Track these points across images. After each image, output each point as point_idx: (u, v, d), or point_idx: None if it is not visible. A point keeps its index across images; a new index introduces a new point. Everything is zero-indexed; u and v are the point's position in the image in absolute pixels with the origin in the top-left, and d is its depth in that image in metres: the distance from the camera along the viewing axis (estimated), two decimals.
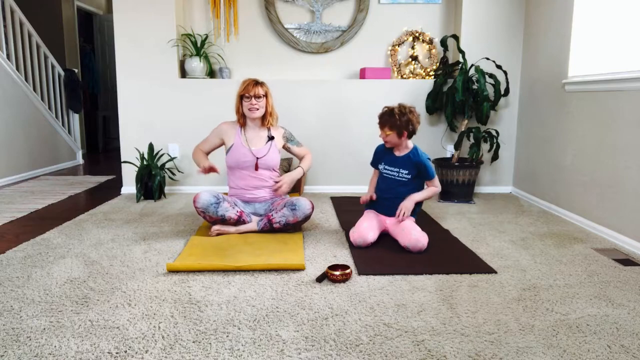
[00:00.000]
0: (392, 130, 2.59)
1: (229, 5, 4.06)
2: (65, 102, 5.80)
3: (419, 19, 4.14)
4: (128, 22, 3.83)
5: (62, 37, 6.30)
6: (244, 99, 2.76)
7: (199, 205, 2.63)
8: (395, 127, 2.58)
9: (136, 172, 3.70)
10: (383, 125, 2.62)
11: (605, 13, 2.94)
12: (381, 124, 2.63)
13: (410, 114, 2.59)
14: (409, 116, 2.58)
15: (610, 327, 1.69)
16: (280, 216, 2.70)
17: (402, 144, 2.67)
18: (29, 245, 2.59)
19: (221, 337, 1.60)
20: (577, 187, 3.11)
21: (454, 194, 3.72)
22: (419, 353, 1.51)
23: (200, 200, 2.62)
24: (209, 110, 3.96)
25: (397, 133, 2.59)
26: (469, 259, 2.37)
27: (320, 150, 4.06)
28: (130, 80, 3.90)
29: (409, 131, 2.61)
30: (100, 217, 3.21)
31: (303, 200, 2.71)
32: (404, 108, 2.61)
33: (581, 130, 3.07)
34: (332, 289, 2.01)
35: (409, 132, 2.62)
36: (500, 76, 3.81)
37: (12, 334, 1.61)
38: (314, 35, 4.14)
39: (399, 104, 2.64)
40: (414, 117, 2.61)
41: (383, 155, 2.75)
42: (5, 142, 4.48)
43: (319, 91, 3.99)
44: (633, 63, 2.68)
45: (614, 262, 2.36)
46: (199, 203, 2.63)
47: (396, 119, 2.56)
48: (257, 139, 2.85)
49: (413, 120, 2.60)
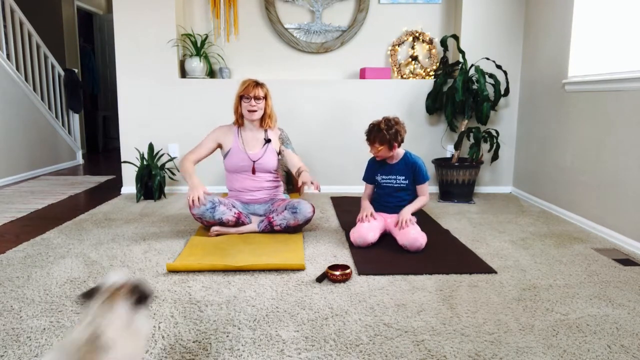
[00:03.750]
0: (383, 144, 2.60)
1: (229, 5, 4.06)
2: (65, 102, 5.80)
3: (419, 19, 4.14)
4: (128, 22, 3.82)
5: (62, 37, 6.30)
6: (244, 99, 2.74)
7: (195, 211, 2.62)
8: (385, 141, 2.59)
9: (136, 172, 3.70)
10: (373, 142, 2.63)
11: (605, 13, 2.94)
12: (370, 141, 2.64)
13: (397, 125, 2.61)
14: (396, 127, 2.59)
15: (610, 327, 1.69)
16: (281, 219, 2.69)
17: (394, 154, 2.69)
18: (29, 245, 2.59)
19: (221, 337, 1.60)
20: (577, 187, 3.11)
21: (454, 194, 3.72)
22: (419, 353, 1.51)
23: (197, 209, 2.60)
24: (209, 110, 3.96)
25: (387, 147, 2.61)
26: (469, 259, 2.37)
27: (320, 150, 4.07)
28: (130, 80, 3.90)
29: (398, 142, 2.63)
30: (100, 217, 3.21)
31: (304, 204, 2.70)
32: (389, 121, 2.61)
33: (581, 130, 3.07)
34: (332, 289, 2.01)
35: (399, 143, 2.64)
36: (500, 76, 3.81)
37: (12, 334, 1.61)
38: (314, 35, 4.14)
39: (384, 118, 2.64)
40: (400, 128, 2.62)
41: (377, 168, 2.76)
42: (5, 142, 4.48)
43: (319, 91, 3.99)
44: (633, 63, 2.68)
45: (614, 262, 2.36)
46: (194, 209, 2.61)
47: (384, 133, 2.57)
48: (254, 141, 2.82)
49: (400, 131, 2.62)
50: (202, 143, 2.82)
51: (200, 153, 2.79)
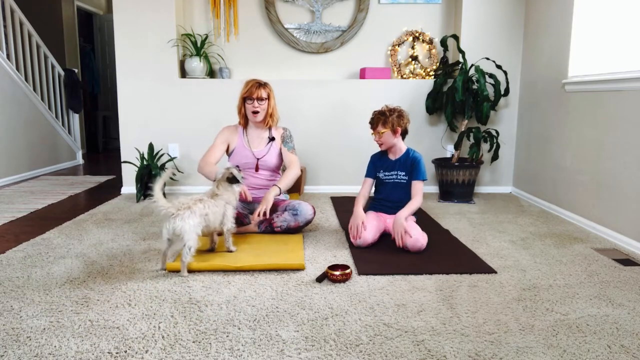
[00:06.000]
0: (385, 126, 2.60)
1: (229, 5, 4.06)
2: (65, 102, 5.80)
3: (419, 19, 4.14)
4: (128, 22, 3.83)
5: (62, 37, 6.30)
6: (247, 101, 2.74)
7: None
8: (387, 122, 2.60)
9: (136, 172, 3.70)
10: (376, 125, 2.64)
11: (605, 13, 2.94)
12: (374, 125, 2.66)
13: (400, 110, 2.64)
14: (399, 112, 2.63)
15: (610, 327, 1.69)
16: (281, 220, 2.70)
17: (397, 145, 2.68)
18: (29, 245, 2.59)
19: (221, 337, 1.60)
20: (577, 187, 3.11)
21: (454, 194, 3.72)
22: (419, 353, 1.51)
23: None
24: (208, 110, 3.96)
25: (391, 129, 2.60)
26: (469, 259, 2.37)
27: (320, 150, 4.07)
28: (130, 80, 3.90)
29: (401, 127, 2.63)
30: (100, 217, 3.21)
31: (305, 205, 2.71)
32: (393, 106, 2.66)
33: (581, 130, 3.07)
34: (332, 289, 2.01)
35: (402, 130, 2.64)
36: (500, 76, 3.82)
37: (12, 334, 1.61)
38: (314, 35, 4.14)
39: (386, 105, 2.69)
40: (403, 113, 2.65)
41: (380, 163, 2.75)
42: (5, 142, 4.48)
43: (319, 91, 3.99)
44: (633, 63, 2.68)
45: (614, 262, 2.36)
46: None
47: (387, 115, 2.60)
48: (258, 140, 2.85)
49: (402, 116, 2.63)
50: (214, 145, 2.81)
51: (216, 156, 2.78)
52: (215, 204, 2.27)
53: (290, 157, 2.82)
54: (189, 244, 2.10)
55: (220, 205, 2.31)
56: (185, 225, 2.10)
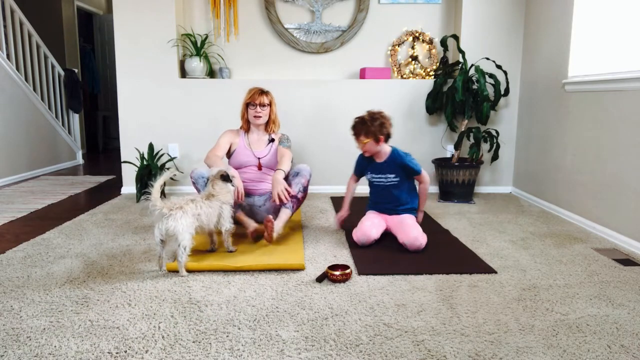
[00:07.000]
0: (368, 137, 2.59)
1: (229, 5, 4.06)
2: (65, 102, 5.80)
3: (419, 19, 4.14)
4: (128, 22, 3.83)
5: (62, 37, 6.30)
6: (250, 106, 2.88)
7: (193, 175, 2.75)
8: (370, 133, 2.57)
9: (136, 172, 3.70)
10: (358, 135, 2.63)
11: (605, 13, 2.94)
12: (356, 134, 2.64)
13: (381, 117, 2.59)
14: (381, 120, 2.58)
15: (610, 327, 1.69)
16: (295, 184, 2.76)
17: (381, 151, 2.67)
18: (29, 245, 2.59)
19: (221, 337, 1.60)
20: (577, 187, 3.11)
21: (454, 194, 3.72)
22: (419, 353, 1.51)
23: (195, 173, 2.74)
24: (209, 110, 3.96)
25: (373, 139, 2.59)
26: (469, 259, 2.37)
27: (320, 150, 4.07)
28: (130, 80, 3.90)
29: (384, 135, 2.60)
30: (100, 217, 3.21)
31: (299, 165, 2.85)
32: (374, 113, 2.61)
33: (581, 130, 3.07)
34: (332, 289, 2.01)
35: (385, 136, 2.62)
36: (500, 76, 3.81)
37: (12, 334, 1.61)
38: (314, 35, 4.14)
39: (368, 111, 2.65)
40: (385, 120, 2.60)
41: (367, 165, 2.75)
42: (5, 142, 4.48)
43: (319, 91, 3.99)
44: (633, 63, 2.68)
45: (614, 262, 2.36)
46: (193, 173, 2.75)
47: (368, 125, 2.57)
48: (259, 142, 2.96)
49: (386, 123, 2.60)
50: (219, 144, 2.92)
51: (222, 151, 2.91)
52: (209, 205, 2.28)
53: (282, 151, 2.90)
54: (183, 244, 2.11)
55: (215, 206, 2.31)
56: (178, 225, 2.10)
